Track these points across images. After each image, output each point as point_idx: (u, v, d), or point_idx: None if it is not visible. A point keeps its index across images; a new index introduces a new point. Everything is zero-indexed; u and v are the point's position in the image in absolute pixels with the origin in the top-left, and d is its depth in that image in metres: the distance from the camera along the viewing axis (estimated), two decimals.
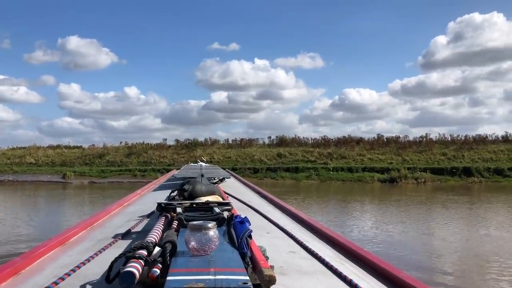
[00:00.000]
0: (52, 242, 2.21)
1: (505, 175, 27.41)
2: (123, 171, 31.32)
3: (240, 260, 1.50)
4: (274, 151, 33.77)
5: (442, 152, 31.59)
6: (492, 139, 33.61)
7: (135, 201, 4.41)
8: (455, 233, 11.06)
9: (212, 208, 2.43)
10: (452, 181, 26.96)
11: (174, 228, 2.00)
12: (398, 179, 26.45)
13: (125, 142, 37.64)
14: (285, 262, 1.93)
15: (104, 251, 2.00)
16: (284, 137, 36.54)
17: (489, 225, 12.04)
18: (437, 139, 34.05)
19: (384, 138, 34.90)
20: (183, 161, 32.76)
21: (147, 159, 33.82)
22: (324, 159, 31.52)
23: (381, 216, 14.07)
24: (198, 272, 1.30)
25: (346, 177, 28.27)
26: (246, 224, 1.86)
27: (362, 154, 32.14)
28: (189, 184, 3.34)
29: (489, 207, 16.19)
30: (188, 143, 36.18)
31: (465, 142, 32.88)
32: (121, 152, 35.13)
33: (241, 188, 6.40)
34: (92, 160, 34.03)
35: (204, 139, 37.64)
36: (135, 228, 2.63)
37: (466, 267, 7.87)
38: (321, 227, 3.00)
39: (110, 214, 3.39)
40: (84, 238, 2.51)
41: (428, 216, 14.01)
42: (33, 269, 1.84)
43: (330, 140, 35.46)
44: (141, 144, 36.51)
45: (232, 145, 36.93)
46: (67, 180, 28.86)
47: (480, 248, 9.27)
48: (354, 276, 1.79)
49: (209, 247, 1.50)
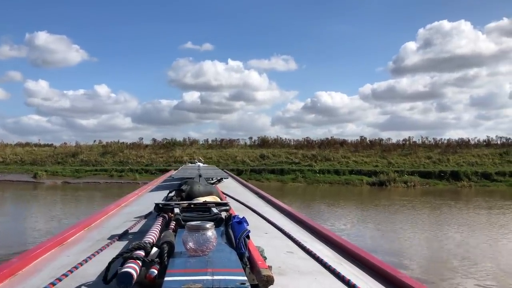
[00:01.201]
0: (50, 242, 2.21)
1: (493, 180, 27.56)
2: (99, 171, 30.13)
3: (238, 260, 1.50)
4: (257, 152, 33.11)
5: (427, 156, 31.57)
6: (474, 143, 34.04)
7: (132, 202, 4.40)
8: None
9: (210, 209, 2.43)
10: (441, 185, 26.90)
11: (172, 228, 1.99)
12: (387, 183, 26.33)
13: (99, 140, 36.52)
14: (283, 263, 1.93)
15: (101, 251, 1.99)
16: (265, 138, 36.09)
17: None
18: (420, 143, 34.14)
19: (367, 140, 34.80)
20: (162, 161, 32.02)
21: (123, 158, 32.59)
22: (308, 161, 31.10)
23: (393, 228, 12.62)
24: (195, 272, 1.30)
25: (333, 180, 27.94)
26: (244, 224, 1.86)
27: (347, 156, 31.88)
28: (187, 184, 3.34)
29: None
30: (166, 142, 35.26)
31: (449, 145, 33.09)
32: (96, 151, 33.94)
33: (239, 188, 6.40)
34: (65, 159, 32.67)
35: (183, 138, 36.79)
36: (132, 228, 2.62)
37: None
38: (319, 227, 3.00)
39: (107, 215, 3.38)
40: (82, 238, 2.51)
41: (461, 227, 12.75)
42: (30, 270, 1.83)
43: (313, 141, 35.18)
44: (116, 143, 35.32)
45: (212, 145, 36.12)
46: (39, 180, 27.38)
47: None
48: (352, 276, 1.78)
49: (206, 247, 1.50)
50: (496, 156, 31.22)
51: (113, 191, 22.61)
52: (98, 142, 36.25)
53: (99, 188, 24.67)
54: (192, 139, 36.93)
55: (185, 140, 36.55)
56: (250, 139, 36.91)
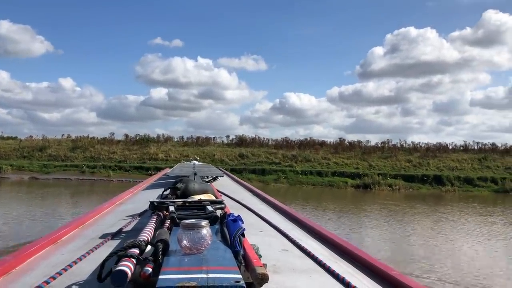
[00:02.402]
0: (44, 240, 2.19)
1: (475, 185, 27.82)
2: (69, 167, 28.80)
3: (232, 258, 1.50)
4: (235, 151, 32.42)
5: (407, 159, 31.64)
6: (452, 147, 34.41)
7: (127, 200, 4.39)
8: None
9: (205, 207, 2.43)
10: (424, 189, 26.96)
11: (167, 226, 1.99)
12: (372, 186, 26.28)
13: (67, 134, 35.42)
14: (278, 260, 1.93)
15: (96, 249, 1.98)
16: (243, 137, 35.67)
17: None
18: (399, 146, 34.26)
19: (347, 142, 34.82)
20: (136, 158, 30.94)
21: (95, 154, 31.34)
22: (289, 161, 30.69)
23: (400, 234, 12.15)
24: (190, 270, 1.30)
25: (316, 181, 27.59)
26: (239, 222, 1.86)
27: (327, 157, 31.61)
28: (182, 182, 3.33)
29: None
30: (138, 139, 34.43)
31: (428, 149, 33.33)
32: (65, 146, 32.55)
33: (234, 186, 6.40)
34: (32, 153, 31.01)
35: (157, 135, 35.97)
36: (127, 226, 2.61)
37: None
38: (314, 225, 3.00)
39: (102, 213, 3.37)
40: (76, 236, 2.50)
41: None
42: (24, 268, 1.82)
43: (293, 142, 35.02)
44: (86, 138, 34.12)
45: (188, 142, 35.33)
46: (4, 175, 25.88)
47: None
48: (347, 274, 1.79)
49: (201, 245, 1.50)
50: (475, 161, 31.57)
51: (83, 188, 21.79)
52: (67, 136, 35.12)
53: (70, 184, 23.63)
54: (167, 136, 36.16)
55: (159, 136, 35.75)
56: (227, 137, 36.47)
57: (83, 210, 12.68)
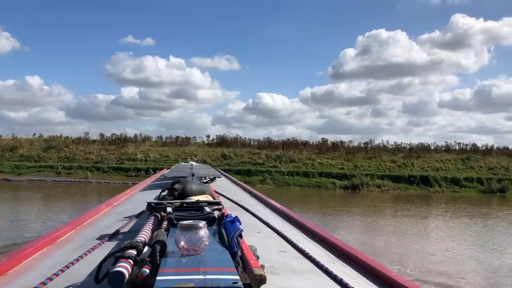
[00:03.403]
0: (41, 241, 2.18)
1: (462, 185, 27.94)
2: (43, 168, 27.50)
3: (230, 259, 1.50)
4: (217, 151, 31.76)
5: (392, 159, 31.59)
6: (434, 147, 34.57)
7: (124, 201, 4.38)
8: None
9: (203, 208, 2.43)
10: (412, 189, 26.93)
11: (164, 227, 1.99)
12: (360, 186, 26.12)
13: (39, 134, 33.99)
14: (275, 262, 1.93)
15: (93, 251, 1.98)
16: (224, 137, 35.10)
17: None
18: (381, 146, 34.27)
19: (329, 142, 34.67)
20: (113, 158, 29.88)
21: (70, 154, 30.21)
22: (273, 161, 30.25)
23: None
24: (188, 272, 1.30)
25: (303, 183, 27.20)
26: (236, 223, 1.86)
27: (312, 158, 31.28)
28: (180, 183, 3.33)
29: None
30: (115, 138, 33.57)
31: (412, 150, 33.43)
32: (37, 146, 31.13)
33: (232, 187, 6.40)
34: (1, 153, 29.73)
35: (134, 134, 35.15)
36: (124, 227, 2.61)
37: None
38: (312, 226, 3.00)
39: (99, 214, 3.36)
40: (73, 237, 2.49)
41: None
42: (21, 269, 1.81)
43: (276, 142, 34.74)
44: (59, 137, 32.89)
45: (167, 142, 34.51)
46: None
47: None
48: (345, 275, 1.79)
49: (199, 246, 1.49)
50: (459, 161, 31.70)
51: (58, 190, 20.75)
52: (39, 135, 33.90)
53: (45, 186, 22.40)
54: (144, 135, 35.40)
55: (136, 136, 34.97)
56: (208, 137, 35.89)
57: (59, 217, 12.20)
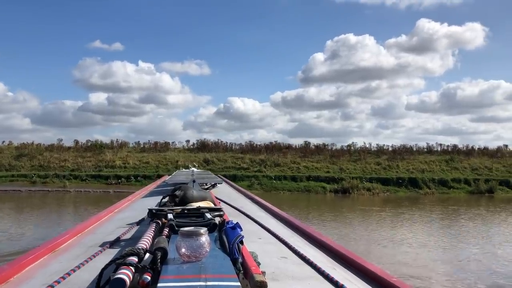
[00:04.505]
0: (42, 249, 2.18)
1: (450, 186, 27.98)
2: (16, 177, 26.15)
3: (231, 266, 1.50)
4: (199, 156, 31.03)
5: (376, 162, 31.46)
6: (416, 149, 34.75)
7: (125, 208, 4.38)
8: None
9: (204, 214, 2.43)
10: (401, 192, 26.82)
11: (165, 234, 1.99)
12: (351, 190, 25.94)
13: (9, 141, 32.78)
14: (276, 268, 1.93)
15: (94, 258, 1.98)
16: (205, 141, 34.64)
17: None
18: (362, 148, 34.36)
19: (312, 145, 34.58)
20: (91, 166, 28.76)
21: (44, 162, 28.86)
22: (257, 166, 29.72)
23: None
24: (189, 278, 1.30)
25: (292, 187, 26.69)
26: (237, 229, 1.86)
27: (296, 161, 30.95)
28: (181, 190, 3.33)
29: None
30: (90, 145, 32.71)
31: (395, 152, 33.51)
32: (8, 154, 29.88)
33: (233, 193, 6.39)
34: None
35: (110, 141, 34.22)
36: (125, 234, 2.60)
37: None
38: (313, 232, 3.00)
39: (100, 221, 3.36)
40: (74, 245, 2.49)
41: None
42: (22, 277, 1.81)
43: (259, 146, 34.39)
44: (31, 145, 31.61)
45: (145, 148, 33.73)
46: None
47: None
48: (346, 281, 1.79)
49: (200, 253, 1.49)
50: (443, 162, 31.76)
51: (36, 199, 19.69)
52: (8, 143, 32.65)
53: (21, 197, 20.91)
54: (121, 141, 34.56)
55: (113, 142, 34.07)
56: (188, 142, 35.33)
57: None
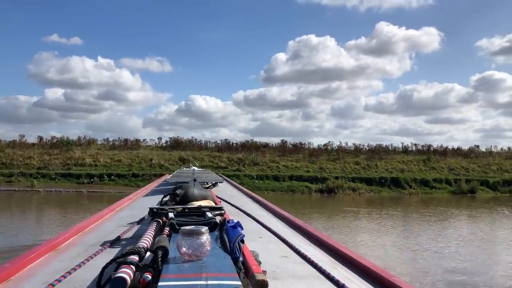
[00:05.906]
0: (43, 248, 2.19)
1: (432, 187, 27.95)
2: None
3: (232, 265, 1.50)
4: (174, 155, 30.12)
5: (355, 161, 31.26)
6: (392, 149, 34.88)
7: (126, 206, 4.38)
8: None
9: (205, 213, 2.43)
10: (384, 192, 26.69)
11: (166, 233, 1.99)
12: (336, 190, 25.81)
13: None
14: (277, 267, 1.93)
15: (95, 256, 1.98)
16: (179, 139, 33.81)
17: None
18: (341, 147, 34.31)
19: (289, 144, 34.36)
20: (59, 164, 27.49)
21: (6, 160, 27.59)
22: (235, 165, 29.12)
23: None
24: (190, 277, 1.30)
25: (275, 187, 26.18)
26: (238, 228, 1.86)
27: (275, 160, 30.54)
28: (182, 188, 3.33)
29: None
30: (56, 141, 31.54)
31: (373, 151, 33.49)
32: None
33: (234, 192, 6.40)
34: None
35: (78, 137, 33.25)
36: (126, 233, 2.61)
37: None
38: (314, 231, 3.00)
39: (101, 220, 3.36)
40: (75, 243, 2.49)
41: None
42: (23, 275, 1.81)
43: (235, 144, 34.00)
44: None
45: (116, 145, 32.62)
46: None
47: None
48: (347, 280, 1.79)
49: (201, 252, 1.49)
50: (420, 162, 31.78)
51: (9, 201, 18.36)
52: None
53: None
54: (89, 138, 33.61)
55: (81, 139, 33.03)
56: (160, 139, 34.45)
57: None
